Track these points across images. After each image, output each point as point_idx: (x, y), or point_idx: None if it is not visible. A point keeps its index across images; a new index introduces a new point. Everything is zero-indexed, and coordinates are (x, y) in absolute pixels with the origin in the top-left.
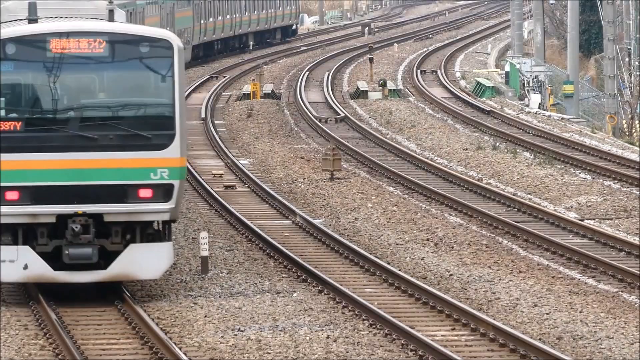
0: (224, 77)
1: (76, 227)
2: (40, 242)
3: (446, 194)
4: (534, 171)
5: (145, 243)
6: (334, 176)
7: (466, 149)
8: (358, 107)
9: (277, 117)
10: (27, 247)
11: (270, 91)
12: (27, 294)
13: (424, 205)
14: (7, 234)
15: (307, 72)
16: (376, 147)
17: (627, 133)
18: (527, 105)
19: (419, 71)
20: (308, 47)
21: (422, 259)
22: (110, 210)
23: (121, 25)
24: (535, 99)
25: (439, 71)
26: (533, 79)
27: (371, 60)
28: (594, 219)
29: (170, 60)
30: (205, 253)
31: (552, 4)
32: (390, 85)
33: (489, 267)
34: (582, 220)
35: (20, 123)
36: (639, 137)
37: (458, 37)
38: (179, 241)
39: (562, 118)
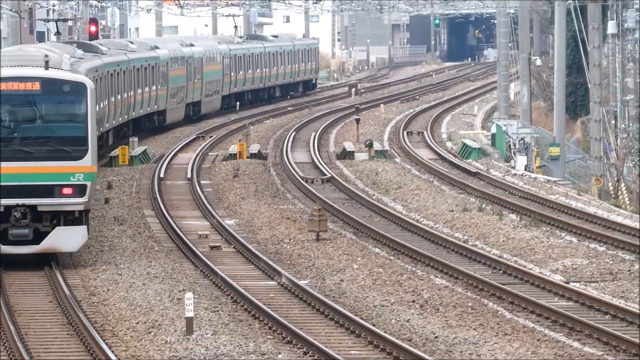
0: (211, 137)
1: (17, 214)
2: None
3: (432, 255)
4: (519, 233)
5: (67, 226)
6: (319, 237)
7: (452, 211)
8: (344, 168)
9: (264, 177)
10: None
11: (256, 151)
12: None
13: (409, 267)
14: None
15: (294, 133)
16: (362, 208)
17: (613, 196)
18: (513, 167)
19: (405, 132)
20: (295, 108)
21: (407, 321)
22: (42, 202)
23: (52, 72)
24: (521, 161)
25: (425, 132)
26: (519, 140)
27: (358, 121)
28: (579, 282)
29: (84, 97)
30: (191, 314)
31: (538, 66)
32: (376, 146)
33: (474, 329)
34: (568, 283)
35: None
36: (626, 201)
37: (444, 99)
38: (164, 302)
39: (548, 180)
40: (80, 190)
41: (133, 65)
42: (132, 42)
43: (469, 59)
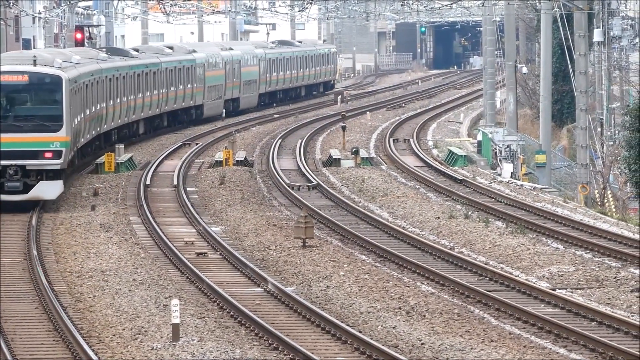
0: (197, 144)
1: (11, 172)
2: None
3: (418, 262)
4: (506, 240)
5: (48, 180)
6: (306, 244)
7: (438, 218)
8: (330, 175)
9: (250, 184)
10: None
11: (242, 159)
12: None
13: (396, 274)
14: None
15: (280, 140)
16: (348, 215)
17: (599, 203)
18: (500, 175)
19: (391, 139)
20: (281, 115)
21: (393, 328)
22: (29, 163)
23: (38, 67)
24: (507, 168)
25: (411, 140)
26: (505, 148)
27: (344, 128)
28: (565, 289)
29: (60, 86)
30: (177, 320)
31: (524, 73)
32: (362, 153)
33: (460, 336)
34: (554, 290)
35: None
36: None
37: (430, 106)
38: (151, 309)
39: (534, 187)
40: (57, 154)
41: (165, 67)
42: (171, 47)
43: (455, 66)
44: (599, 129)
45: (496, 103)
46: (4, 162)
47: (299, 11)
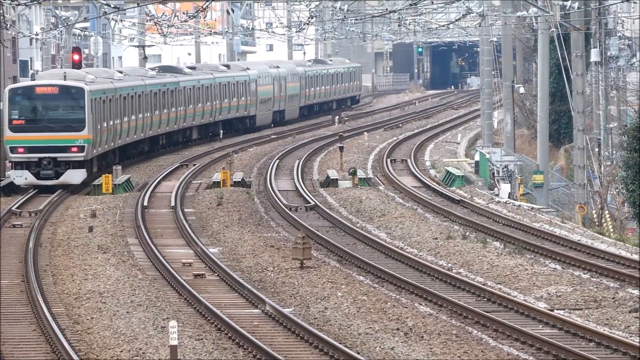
0: (194, 165)
1: (45, 162)
2: (33, 169)
3: (416, 283)
4: (503, 261)
5: (74, 169)
6: (303, 265)
7: (436, 238)
8: (328, 196)
9: (247, 205)
10: (27, 171)
11: (240, 179)
12: None
13: (394, 295)
14: (19, 166)
15: (278, 161)
16: (346, 235)
17: (596, 223)
18: (497, 195)
19: (389, 160)
20: (278, 136)
21: (392, 349)
22: (59, 156)
23: (67, 82)
24: (505, 188)
25: (408, 160)
26: (503, 168)
27: (341, 148)
28: (563, 309)
29: (84, 96)
30: (175, 342)
31: (522, 93)
32: (360, 174)
33: (458, 357)
34: (552, 311)
35: (23, 121)
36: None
37: (428, 126)
38: (148, 331)
39: (532, 208)
40: (81, 149)
41: (219, 82)
42: (227, 66)
43: (452, 86)
44: (597, 149)
45: (493, 123)
46: (40, 155)
47: (296, 32)
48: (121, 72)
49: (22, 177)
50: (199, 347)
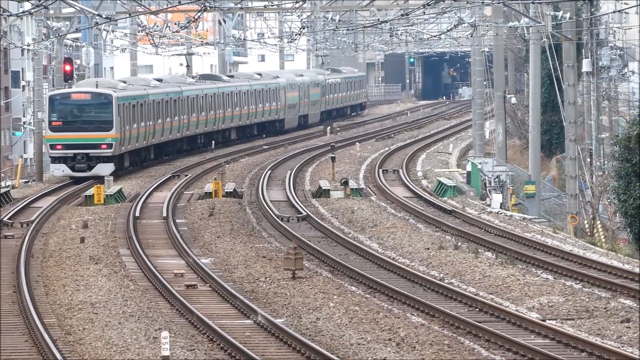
0: (186, 175)
1: (79, 157)
2: (69, 163)
3: (408, 293)
4: (495, 271)
5: (103, 163)
6: (295, 275)
7: (428, 249)
8: (320, 206)
9: (239, 216)
10: (64, 165)
11: (232, 190)
12: None
13: (386, 305)
14: (57, 160)
15: (269, 171)
16: (338, 246)
17: (588, 233)
18: (489, 205)
19: (380, 170)
20: (270, 146)
21: (384, 359)
22: (91, 152)
23: (98, 89)
24: (496, 198)
25: (400, 170)
26: (495, 178)
27: (333, 159)
28: (555, 320)
29: (111, 101)
30: (167, 353)
31: (513, 104)
32: (352, 184)
33: None
34: (544, 321)
35: (61, 122)
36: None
37: (420, 137)
38: (140, 341)
39: (524, 218)
40: (109, 146)
41: (254, 89)
42: (259, 74)
43: (444, 97)
44: (588, 159)
45: (485, 133)
46: (75, 151)
47: (287, 42)
48: (160, 80)
49: (59, 170)
50: (191, 357)
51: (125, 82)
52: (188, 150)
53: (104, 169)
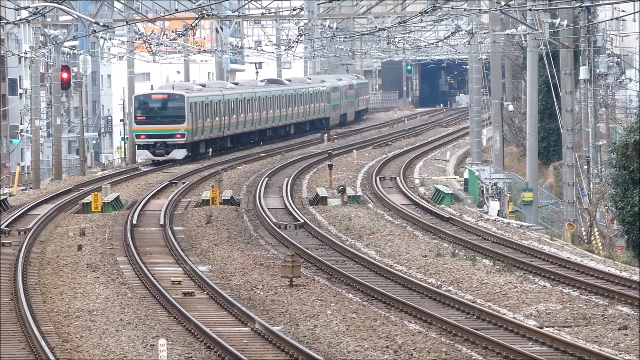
0: (183, 183)
1: (158, 145)
2: (151, 150)
3: (405, 301)
4: (493, 278)
5: (178, 149)
6: (293, 283)
7: (425, 256)
8: (317, 214)
9: (236, 223)
10: (147, 151)
11: (229, 197)
12: None
13: (383, 312)
14: (141, 148)
15: (267, 179)
16: (335, 253)
17: (586, 241)
18: (486, 213)
19: (378, 178)
20: (267, 154)
21: None
22: (168, 140)
23: (174, 90)
24: (494, 206)
25: (398, 178)
26: (492, 186)
27: (330, 166)
28: (553, 327)
29: (185, 100)
30: None
31: (510, 111)
32: (349, 191)
33: None
34: (542, 328)
35: (144, 117)
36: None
37: (417, 144)
38: (138, 349)
39: (521, 225)
40: (182, 135)
41: (309, 91)
42: (310, 78)
43: (441, 104)
44: (586, 167)
45: (482, 141)
46: (155, 140)
47: (285, 50)
48: (236, 84)
49: (143, 155)
50: None
51: (204, 85)
52: (257, 142)
53: (178, 154)
